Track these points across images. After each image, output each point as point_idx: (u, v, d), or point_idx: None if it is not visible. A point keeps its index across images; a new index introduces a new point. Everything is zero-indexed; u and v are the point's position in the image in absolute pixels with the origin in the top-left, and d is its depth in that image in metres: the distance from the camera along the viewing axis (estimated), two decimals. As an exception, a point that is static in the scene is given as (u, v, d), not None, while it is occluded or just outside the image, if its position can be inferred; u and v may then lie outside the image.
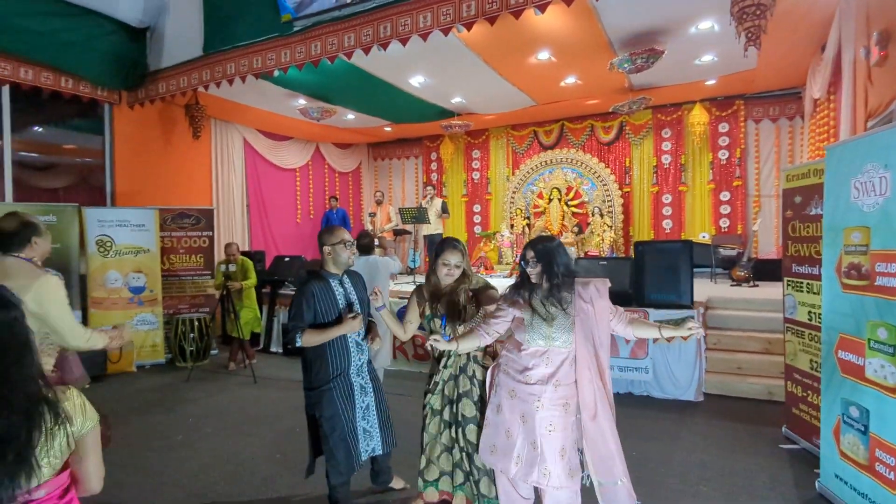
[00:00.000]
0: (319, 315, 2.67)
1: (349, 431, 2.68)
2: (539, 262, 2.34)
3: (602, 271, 5.54)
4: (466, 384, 2.68)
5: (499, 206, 10.56)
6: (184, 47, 6.00)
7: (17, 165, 6.15)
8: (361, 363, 2.78)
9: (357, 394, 2.74)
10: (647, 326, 2.37)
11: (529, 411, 2.35)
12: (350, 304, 2.77)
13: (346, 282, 2.82)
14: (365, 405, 2.77)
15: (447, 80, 7.38)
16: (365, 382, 2.79)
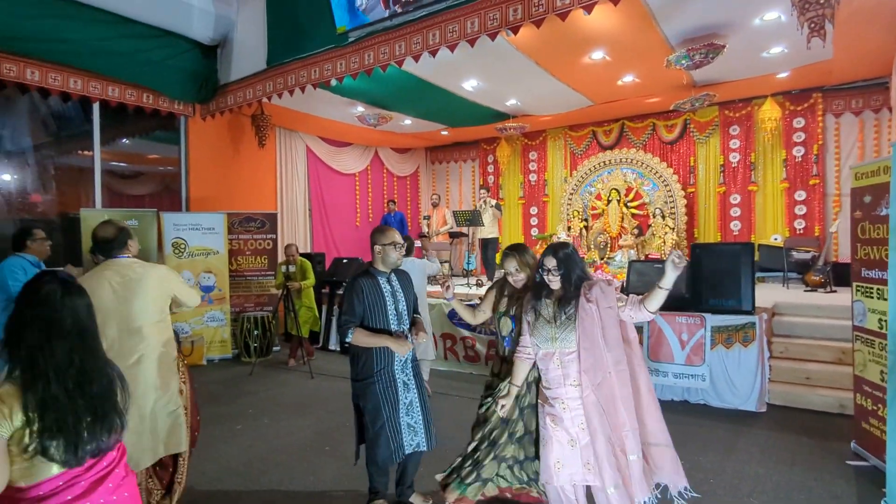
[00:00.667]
0: (368, 310, 2.79)
1: (391, 424, 2.76)
2: (560, 269, 2.40)
3: (656, 274, 5.35)
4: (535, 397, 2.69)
5: (556, 208, 10.44)
6: (250, 61, 6.38)
7: (106, 174, 6.77)
8: (405, 359, 2.85)
9: (401, 389, 2.81)
10: (652, 293, 2.29)
11: (559, 415, 2.38)
12: (396, 300, 2.86)
13: (394, 280, 2.91)
14: (409, 401, 2.84)
15: (500, 82, 7.41)
16: (408, 379, 2.87)
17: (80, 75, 5.88)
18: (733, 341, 4.81)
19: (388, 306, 2.83)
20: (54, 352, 1.46)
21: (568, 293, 2.38)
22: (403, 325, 2.88)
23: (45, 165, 6.43)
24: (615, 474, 2.29)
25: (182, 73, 6.48)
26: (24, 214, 6.15)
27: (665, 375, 5.01)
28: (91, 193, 6.56)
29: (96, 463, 1.51)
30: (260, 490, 3.37)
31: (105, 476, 1.52)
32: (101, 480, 1.50)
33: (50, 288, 1.51)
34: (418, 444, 2.86)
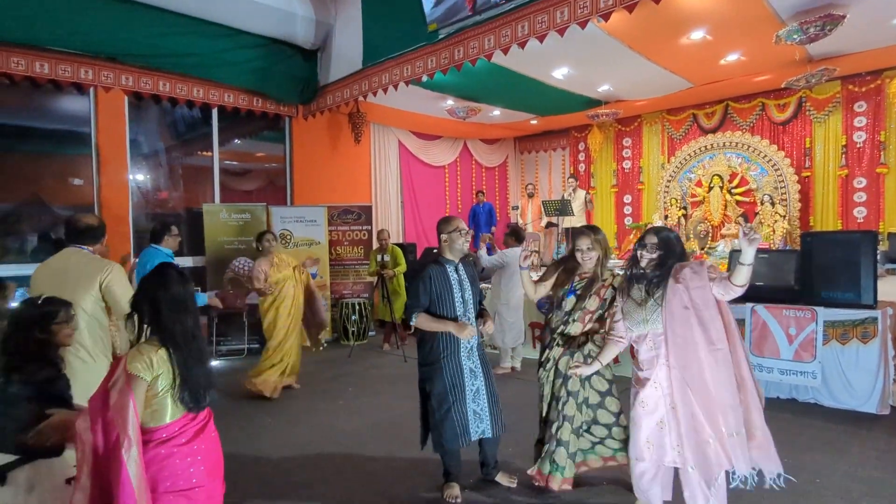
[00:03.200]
0: (435, 297, 2.90)
1: (457, 410, 2.85)
2: (659, 249, 2.45)
3: (761, 265, 5.04)
4: (580, 360, 2.85)
5: (652, 196, 10.02)
6: (347, 63, 6.77)
7: (222, 172, 7.49)
8: (471, 346, 2.94)
9: (467, 376, 2.91)
10: (736, 269, 2.29)
11: (650, 396, 2.42)
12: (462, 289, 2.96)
13: (461, 269, 3.01)
14: (475, 388, 2.92)
15: (592, 69, 7.24)
16: (475, 366, 2.95)
17: (202, 85, 6.59)
18: (850, 337, 4.43)
19: (455, 294, 2.92)
20: (185, 324, 1.86)
21: (657, 275, 2.43)
22: (469, 313, 2.96)
23: (174, 166, 7.27)
24: (696, 454, 2.33)
25: (287, 78, 7.02)
26: (157, 209, 7.00)
27: (770, 371, 4.71)
28: (210, 190, 7.30)
29: (197, 416, 1.88)
30: (363, 456, 3.66)
31: (203, 427, 1.90)
32: (202, 430, 1.88)
33: (178, 276, 1.92)
34: (483, 430, 2.94)
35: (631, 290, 2.54)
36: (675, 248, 2.51)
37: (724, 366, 2.34)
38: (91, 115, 6.00)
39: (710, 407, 2.32)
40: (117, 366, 1.79)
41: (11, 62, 5.24)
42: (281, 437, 4.07)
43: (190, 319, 1.89)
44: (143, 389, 1.74)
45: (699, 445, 2.33)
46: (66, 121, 6.22)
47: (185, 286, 1.92)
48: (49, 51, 5.44)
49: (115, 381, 1.75)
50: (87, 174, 6.05)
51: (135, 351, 1.78)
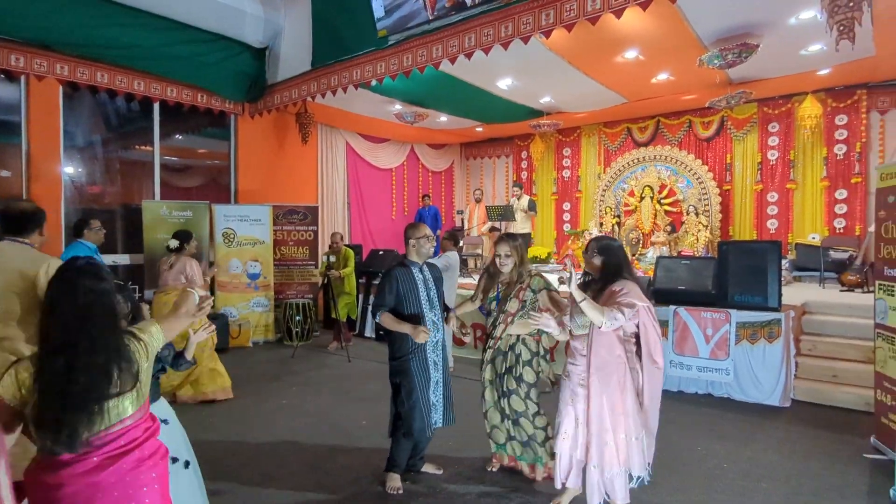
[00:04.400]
0: (402, 296, 3.12)
1: (423, 400, 3.09)
2: (600, 255, 2.70)
3: (683, 270, 5.49)
4: (512, 360, 3.14)
5: (589, 205, 10.53)
6: (296, 63, 6.77)
7: (162, 168, 7.29)
8: (437, 341, 3.18)
9: (431, 368, 3.15)
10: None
11: (574, 391, 2.65)
12: (427, 288, 3.20)
13: (426, 270, 3.25)
14: (436, 380, 3.17)
15: (534, 81, 7.58)
16: (438, 359, 3.19)
17: (143, 77, 6.40)
18: (758, 337, 4.90)
19: (421, 293, 3.16)
20: (52, 335, 1.49)
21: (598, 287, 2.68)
22: (435, 310, 3.21)
23: (111, 160, 7.00)
24: (598, 454, 2.59)
25: (234, 75, 6.93)
26: (92, 204, 6.72)
27: (689, 369, 5.14)
28: (150, 186, 7.09)
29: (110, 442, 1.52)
30: (307, 452, 3.72)
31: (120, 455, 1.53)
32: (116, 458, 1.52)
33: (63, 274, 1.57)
34: (436, 420, 3.18)
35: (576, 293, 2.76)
36: (615, 256, 2.71)
37: (635, 376, 2.63)
38: (21, 104, 5.70)
39: (617, 412, 2.58)
40: None
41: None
42: (224, 437, 4.06)
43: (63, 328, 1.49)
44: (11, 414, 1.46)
45: (600, 447, 2.59)
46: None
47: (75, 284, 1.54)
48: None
49: None
50: (15, 166, 5.74)
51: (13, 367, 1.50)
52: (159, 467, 1.63)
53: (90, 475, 1.46)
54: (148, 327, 1.73)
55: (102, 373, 1.50)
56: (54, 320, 1.50)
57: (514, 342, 3.19)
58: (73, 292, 1.51)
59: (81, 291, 1.52)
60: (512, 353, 3.19)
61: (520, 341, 3.19)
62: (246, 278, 7.28)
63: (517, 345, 3.19)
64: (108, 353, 1.53)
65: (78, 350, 1.47)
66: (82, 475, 1.45)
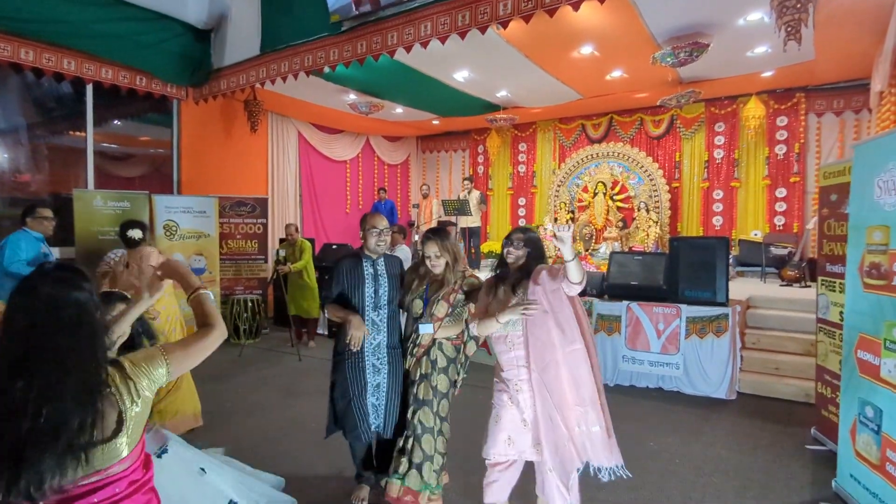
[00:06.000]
0: (346, 288, 2.93)
1: (357, 403, 2.86)
2: (526, 247, 2.57)
3: (636, 266, 5.56)
4: (428, 367, 2.85)
5: (543, 200, 10.59)
6: (243, 47, 6.42)
7: (98, 156, 6.80)
8: (378, 343, 2.91)
9: (369, 371, 2.90)
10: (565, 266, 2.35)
11: (513, 396, 2.51)
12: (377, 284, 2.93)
13: (380, 264, 2.98)
14: (376, 383, 2.91)
15: (490, 74, 7.51)
16: (380, 363, 2.92)
17: (74, 56, 5.90)
18: (707, 332, 5.02)
19: (367, 288, 2.92)
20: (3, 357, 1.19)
21: (519, 276, 2.54)
22: (381, 309, 2.93)
23: (38, 145, 6.46)
24: (553, 457, 2.38)
25: (175, 57, 6.51)
26: (17, 193, 6.19)
27: (641, 363, 5.21)
28: (83, 174, 6.60)
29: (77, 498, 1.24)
30: (267, 457, 3.52)
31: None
32: None
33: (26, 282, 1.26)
34: (378, 425, 2.91)
35: (497, 290, 2.58)
36: (539, 247, 2.60)
37: (583, 363, 2.41)
38: (-70, 82, 5.16)
39: (566, 407, 2.38)
40: None
41: None
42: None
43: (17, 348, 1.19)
44: None
45: (556, 447, 2.39)
46: None
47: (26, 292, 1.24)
48: None
49: None
50: (-77, 149, 5.21)
51: None
52: None
53: None
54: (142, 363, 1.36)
55: (75, 412, 1.19)
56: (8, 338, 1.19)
57: (430, 346, 2.86)
58: (32, 304, 1.21)
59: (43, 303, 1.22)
60: (427, 360, 2.86)
61: (436, 346, 2.85)
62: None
63: (433, 349, 2.85)
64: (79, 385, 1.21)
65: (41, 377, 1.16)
66: None
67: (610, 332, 5.40)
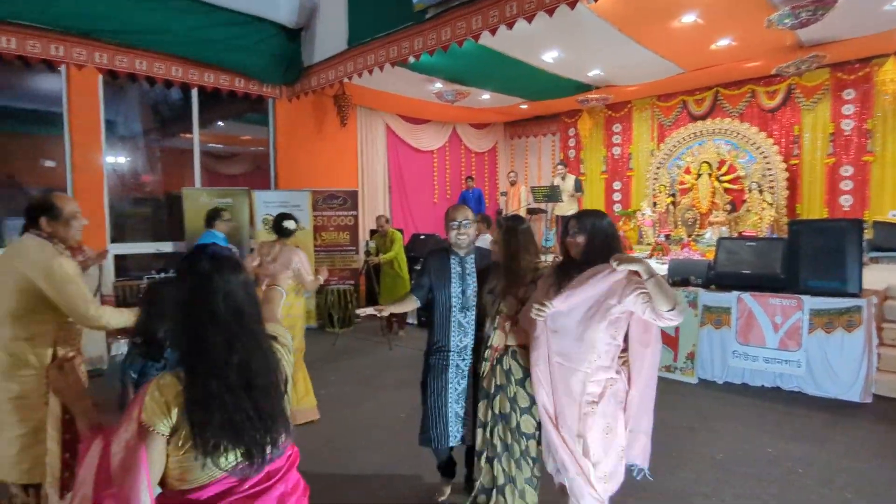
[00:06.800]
0: (434, 284, 2.75)
1: (438, 406, 2.69)
2: (583, 234, 2.22)
3: (748, 253, 5.03)
4: (502, 377, 2.53)
5: (641, 183, 9.97)
6: (332, 43, 6.57)
7: (203, 155, 7.30)
8: (464, 345, 2.73)
9: (452, 373, 2.71)
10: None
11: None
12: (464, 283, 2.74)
13: (469, 261, 2.78)
14: (461, 389, 2.72)
15: (582, 53, 7.13)
16: (465, 366, 2.73)
17: (180, 63, 6.36)
18: (835, 326, 4.43)
19: (454, 286, 2.73)
20: (210, 342, 1.23)
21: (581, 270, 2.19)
22: (467, 311, 2.73)
23: (153, 148, 7.07)
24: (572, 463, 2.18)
25: (269, 57, 6.81)
26: (136, 193, 6.81)
27: (755, 359, 4.71)
28: (191, 173, 7.12)
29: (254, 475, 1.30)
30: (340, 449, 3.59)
31: (262, 492, 1.30)
32: (256, 497, 1.29)
33: (199, 266, 1.28)
34: (460, 434, 2.71)
35: (562, 283, 2.23)
36: (603, 234, 2.20)
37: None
38: (63, 95, 5.76)
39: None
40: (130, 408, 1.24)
41: (-24, 37, 5.01)
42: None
43: (221, 333, 1.24)
44: (160, 446, 1.21)
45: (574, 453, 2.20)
46: (37, 100, 5.98)
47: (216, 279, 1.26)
48: (15, 25, 5.16)
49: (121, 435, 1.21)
50: (59, 156, 5.83)
51: (153, 387, 1.24)
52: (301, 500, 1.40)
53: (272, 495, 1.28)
54: (278, 330, 1.48)
55: (275, 378, 1.31)
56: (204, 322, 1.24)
57: (502, 354, 2.55)
58: (220, 287, 1.26)
59: (229, 285, 1.27)
60: (500, 368, 2.54)
61: (508, 353, 2.53)
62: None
63: (505, 357, 2.53)
64: (271, 354, 1.34)
65: (246, 354, 1.25)
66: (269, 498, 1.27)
67: (718, 326, 4.93)
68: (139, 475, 1.15)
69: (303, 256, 4.04)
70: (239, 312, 1.27)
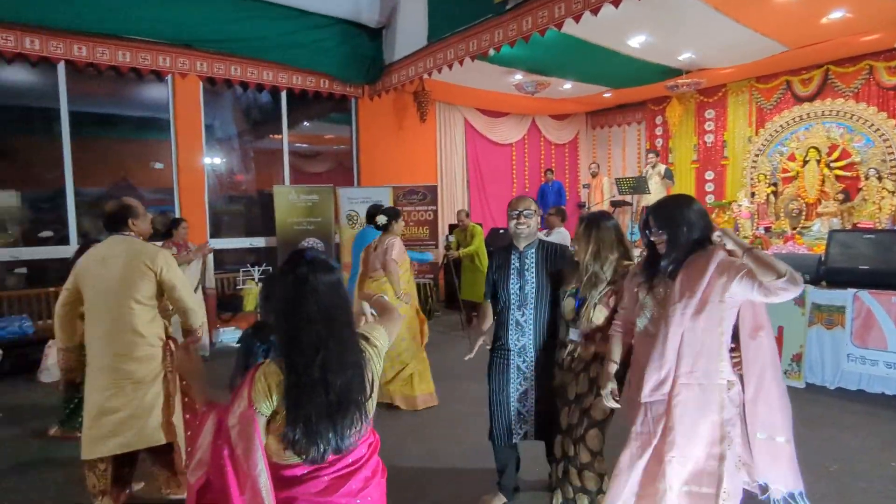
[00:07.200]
0: (497, 283, 2.69)
1: (500, 403, 2.66)
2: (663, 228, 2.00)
3: (866, 246, 4.53)
4: (584, 385, 2.41)
5: (737, 172, 9.26)
6: (412, 40, 6.65)
7: (291, 155, 7.66)
8: (521, 345, 2.63)
9: (513, 373, 2.65)
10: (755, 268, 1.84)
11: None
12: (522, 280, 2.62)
13: (530, 255, 2.63)
14: (523, 389, 2.65)
15: (672, 36, 6.72)
16: (526, 367, 2.64)
17: (271, 68, 6.72)
18: (976, 331, 3.88)
19: (512, 283, 2.63)
20: (301, 338, 1.37)
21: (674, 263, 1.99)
22: (525, 308, 2.60)
23: (246, 149, 7.52)
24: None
25: (352, 57, 7.03)
26: (231, 192, 7.27)
27: (875, 364, 4.24)
28: (280, 172, 7.49)
29: (339, 460, 1.44)
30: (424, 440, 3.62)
31: (349, 474, 1.45)
32: (345, 478, 1.43)
33: (297, 270, 1.41)
34: (523, 430, 2.68)
35: (655, 282, 2.04)
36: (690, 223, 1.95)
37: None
38: (169, 102, 6.27)
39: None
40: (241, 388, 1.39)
41: (97, 52, 5.55)
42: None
43: (311, 331, 1.37)
44: (261, 426, 1.36)
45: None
46: (147, 107, 6.55)
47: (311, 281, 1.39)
48: (129, 40, 5.70)
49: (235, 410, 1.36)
50: (167, 159, 6.36)
51: (260, 372, 1.39)
52: (381, 487, 1.54)
53: (322, 495, 1.40)
54: (373, 331, 1.59)
55: (356, 377, 1.43)
56: (299, 321, 1.37)
57: (590, 361, 2.42)
58: (314, 290, 1.39)
59: (321, 288, 1.40)
60: (585, 377, 2.42)
61: (598, 361, 2.37)
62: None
63: (593, 365, 2.40)
64: (355, 354, 1.45)
65: (329, 353, 1.37)
66: (315, 495, 1.40)
67: (829, 326, 4.49)
68: (255, 441, 1.31)
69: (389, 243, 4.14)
70: (329, 316, 1.39)
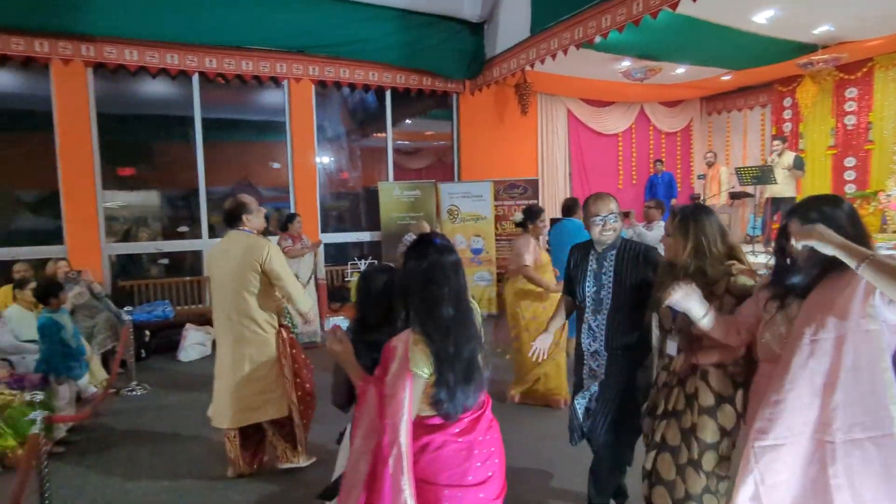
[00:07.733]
0: (573, 281, 2.58)
1: (573, 400, 2.60)
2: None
3: None
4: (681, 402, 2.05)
5: (885, 157, 8.12)
6: (514, 32, 6.54)
7: (395, 152, 7.87)
8: (594, 349, 2.51)
9: (586, 373, 2.58)
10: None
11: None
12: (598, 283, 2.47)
13: (609, 258, 2.45)
14: (593, 390, 2.52)
15: (806, 7, 5.99)
16: (598, 369, 2.51)
17: (376, 68, 6.95)
18: None
19: (588, 287, 2.49)
20: (440, 315, 1.57)
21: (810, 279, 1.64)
22: (600, 314, 2.45)
23: (353, 148, 7.85)
24: None
25: (454, 53, 7.07)
26: (340, 188, 7.64)
27: None
28: (385, 169, 7.73)
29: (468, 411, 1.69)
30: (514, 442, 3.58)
31: (479, 417, 1.71)
32: (478, 420, 1.70)
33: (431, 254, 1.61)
34: (589, 427, 2.52)
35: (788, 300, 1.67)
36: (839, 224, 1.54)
37: None
38: (285, 105, 6.71)
39: None
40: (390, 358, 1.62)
41: (225, 63, 6.08)
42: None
43: (447, 308, 1.58)
44: (422, 387, 1.58)
45: None
46: (266, 112, 7.08)
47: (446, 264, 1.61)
48: (251, 50, 6.18)
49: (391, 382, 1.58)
50: (283, 159, 6.82)
51: (412, 343, 1.58)
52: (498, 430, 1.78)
53: (464, 434, 1.65)
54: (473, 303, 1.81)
55: (478, 347, 1.66)
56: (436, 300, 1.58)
57: (689, 375, 2.03)
58: (445, 271, 1.60)
59: (450, 269, 1.61)
60: (681, 392, 2.04)
61: (697, 374, 1.99)
62: (470, 253, 7.47)
63: (692, 379, 2.01)
64: (475, 327, 1.68)
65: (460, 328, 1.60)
66: (455, 435, 1.64)
67: None
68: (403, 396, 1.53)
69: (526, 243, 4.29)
70: (458, 296, 1.62)
